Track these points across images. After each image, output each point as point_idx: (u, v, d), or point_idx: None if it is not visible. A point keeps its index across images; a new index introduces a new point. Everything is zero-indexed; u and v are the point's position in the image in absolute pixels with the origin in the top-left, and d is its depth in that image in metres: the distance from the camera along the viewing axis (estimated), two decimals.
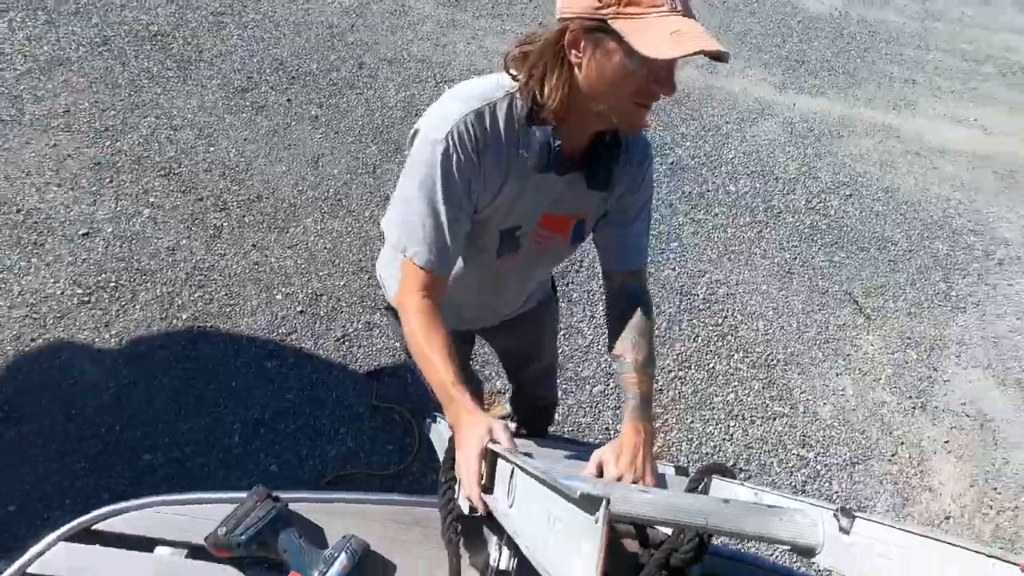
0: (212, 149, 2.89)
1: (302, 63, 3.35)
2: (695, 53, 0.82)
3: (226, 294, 2.44)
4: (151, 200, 2.67)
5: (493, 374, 2.36)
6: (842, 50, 4.10)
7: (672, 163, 3.24)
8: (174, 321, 2.34)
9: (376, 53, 3.47)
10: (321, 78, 3.29)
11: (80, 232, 2.53)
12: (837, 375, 2.60)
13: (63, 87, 3.02)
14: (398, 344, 2.34)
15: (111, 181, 2.71)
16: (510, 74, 0.99)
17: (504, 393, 2.29)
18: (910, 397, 2.56)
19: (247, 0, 3.63)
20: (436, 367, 0.98)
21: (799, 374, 2.58)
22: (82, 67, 3.12)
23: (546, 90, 0.95)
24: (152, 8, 3.48)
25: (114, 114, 2.95)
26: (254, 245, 2.60)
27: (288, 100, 3.16)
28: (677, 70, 0.90)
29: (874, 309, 2.84)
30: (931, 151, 3.59)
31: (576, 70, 0.93)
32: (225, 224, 2.65)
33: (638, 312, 1.15)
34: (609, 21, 0.85)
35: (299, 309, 2.43)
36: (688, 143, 3.35)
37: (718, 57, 0.84)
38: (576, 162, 1.04)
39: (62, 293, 2.35)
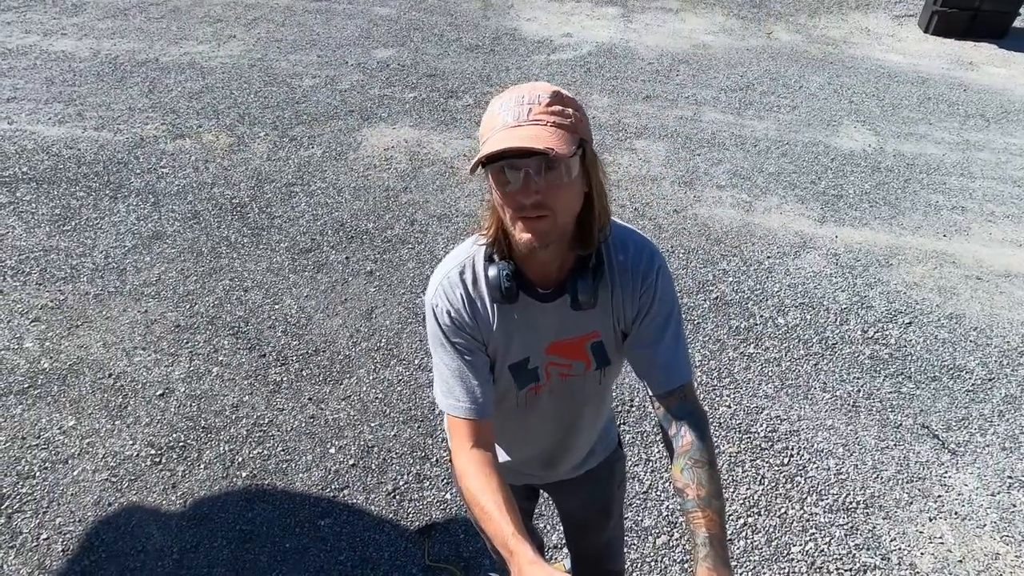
0: (276, 307, 3.10)
1: (359, 223, 3.64)
2: (492, 154, 0.90)
3: (283, 450, 2.49)
4: (220, 359, 2.84)
5: (547, 527, 2.25)
6: (880, 183, 4.17)
7: (716, 298, 3.24)
8: (234, 480, 2.39)
9: (427, 211, 3.75)
10: (376, 236, 3.56)
11: (157, 393, 2.69)
12: (931, 520, 2.35)
13: (158, 258, 3.37)
14: (449, 496, 2.30)
15: (187, 342, 2.91)
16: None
17: (561, 548, 2.18)
18: None
19: (315, 170, 4.05)
20: (492, 517, 0.95)
21: (884, 518, 2.35)
22: (175, 239, 3.49)
23: (486, 231, 1.06)
24: (236, 183, 3.92)
25: (195, 279, 3.24)
26: (310, 398, 2.68)
27: (346, 258, 3.41)
28: (558, 177, 0.93)
29: (959, 444, 2.62)
30: (994, 275, 3.48)
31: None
32: (284, 379, 2.76)
33: (688, 437, 1.07)
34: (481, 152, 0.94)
35: (351, 463, 2.45)
36: (730, 278, 3.36)
37: (543, 153, 0.89)
38: (558, 288, 1.08)
39: (137, 455, 2.46)
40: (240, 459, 2.45)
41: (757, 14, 6.66)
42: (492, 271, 1.06)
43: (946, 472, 2.51)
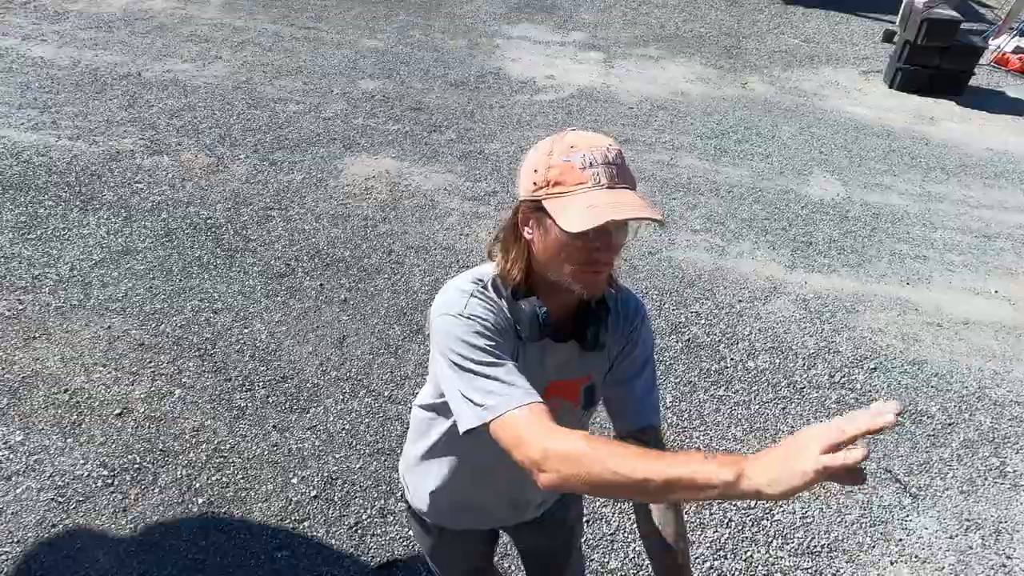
0: (246, 331, 3.05)
1: (336, 251, 3.63)
2: (604, 224, 0.91)
3: (243, 477, 2.42)
4: (183, 380, 2.77)
5: (512, 567, 2.22)
6: (848, 231, 4.29)
7: (688, 340, 3.28)
8: (190, 506, 2.31)
9: (405, 242, 3.76)
10: (352, 264, 3.54)
11: (115, 412, 2.61)
12: (892, 563, 2.37)
13: (126, 274, 3.30)
14: (418, 548, 2.25)
15: (150, 362, 2.84)
16: (492, 259, 1.09)
17: None
18: None
19: (294, 196, 4.04)
20: (676, 460, 0.77)
21: (847, 562, 2.36)
22: (145, 256, 3.44)
23: (508, 265, 1.05)
24: (213, 204, 3.89)
25: (163, 298, 3.18)
26: (275, 426, 2.63)
27: (321, 285, 3.38)
28: (624, 236, 0.99)
29: (920, 487, 2.66)
30: (954, 323, 3.58)
31: (532, 245, 1.03)
32: (249, 405, 2.70)
33: None
34: (543, 201, 0.96)
35: (313, 494, 2.39)
36: (703, 321, 3.41)
37: (652, 220, 0.92)
38: (568, 329, 1.09)
39: (88, 475, 2.37)
40: (197, 485, 2.38)
41: (733, 65, 6.91)
42: (526, 306, 1.04)
43: (907, 516, 2.54)
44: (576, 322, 1.09)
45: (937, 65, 6.49)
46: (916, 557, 2.40)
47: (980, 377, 3.24)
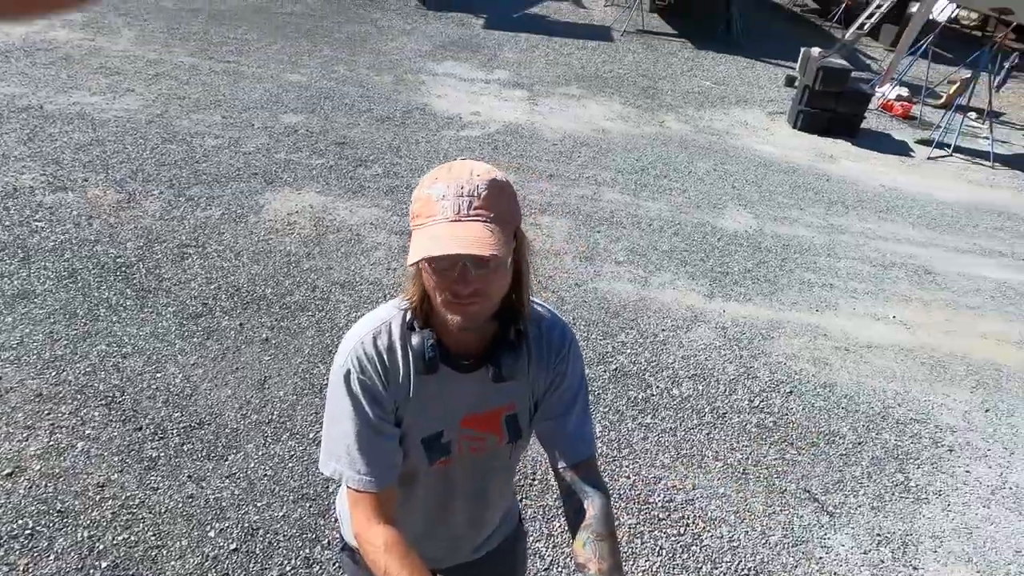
0: (158, 375, 2.88)
1: (257, 288, 3.50)
2: (435, 257, 0.92)
3: (154, 534, 2.25)
4: (87, 432, 2.58)
5: None
6: (761, 261, 4.54)
7: (615, 369, 3.34)
8: (91, 572, 2.13)
9: (329, 278, 3.67)
10: (275, 302, 3.43)
11: (3, 472, 2.38)
12: None
13: (22, 319, 3.06)
14: None
15: (48, 413, 2.63)
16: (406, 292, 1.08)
17: None
18: None
19: (212, 232, 3.89)
20: None
21: None
22: (45, 299, 3.20)
23: (411, 297, 1.06)
24: (122, 242, 3.69)
25: (65, 343, 2.96)
26: (190, 476, 2.47)
27: (240, 324, 3.24)
28: (491, 269, 0.96)
29: (836, 506, 2.78)
30: (859, 347, 3.82)
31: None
32: (162, 454, 2.54)
33: (592, 510, 1.08)
34: (413, 232, 0.97)
35: (233, 547, 2.25)
36: (628, 350, 3.49)
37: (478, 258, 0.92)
38: (477, 360, 1.08)
39: None
40: (101, 547, 2.19)
41: (651, 104, 7.25)
42: (416, 340, 1.04)
43: (825, 534, 2.65)
44: (487, 353, 1.09)
45: (833, 109, 7.07)
46: (835, 574, 2.50)
47: (884, 398, 3.45)
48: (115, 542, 2.21)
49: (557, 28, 9.51)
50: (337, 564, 2.23)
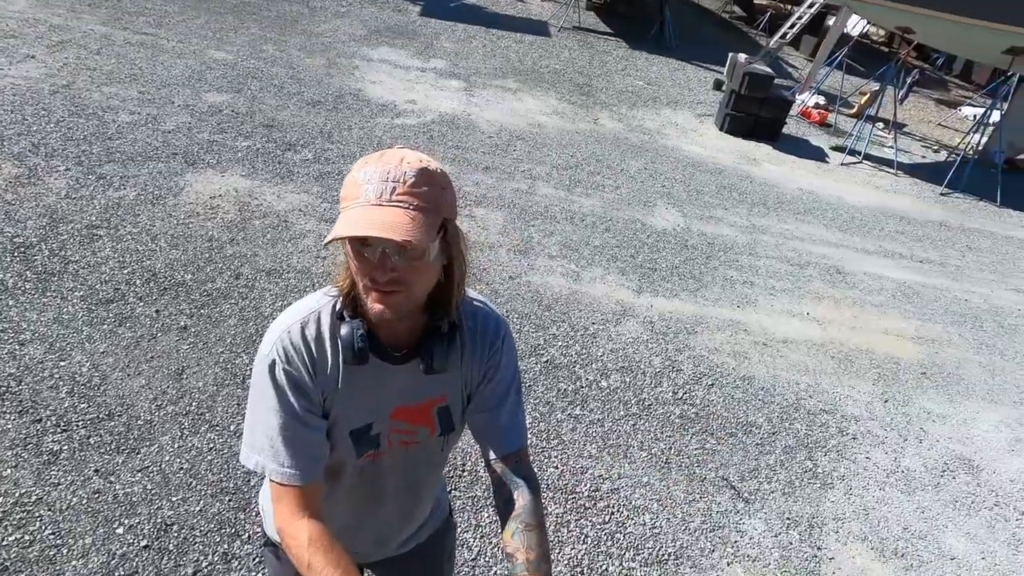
0: (62, 364, 2.69)
1: (175, 274, 3.32)
2: (344, 237, 0.91)
3: (53, 532, 2.11)
4: None
5: None
6: (688, 259, 4.69)
7: (547, 362, 3.38)
8: None
9: (255, 264, 3.53)
10: (195, 289, 3.26)
11: None
12: (728, 564, 2.57)
13: None
14: None
15: None
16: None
17: None
18: None
19: (125, 214, 3.66)
20: None
21: (691, 568, 2.52)
22: None
23: (340, 284, 1.03)
24: (21, 220, 3.41)
25: None
26: (97, 470, 2.32)
27: (156, 311, 3.07)
28: (411, 257, 0.93)
29: (751, 492, 2.92)
30: (776, 342, 4.02)
31: None
32: (64, 448, 2.37)
33: (522, 501, 1.08)
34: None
35: (143, 544, 2.14)
36: (559, 343, 3.54)
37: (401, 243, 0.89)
38: (410, 351, 1.07)
39: None
40: None
41: (586, 101, 7.35)
42: (345, 329, 1.01)
43: (740, 519, 2.78)
44: (419, 345, 1.07)
45: (757, 113, 7.39)
46: (748, 556, 2.63)
47: (797, 390, 3.65)
48: (5, 543, 2.05)
49: (495, 20, 9.49)
50: (258, 559, 2.15)
